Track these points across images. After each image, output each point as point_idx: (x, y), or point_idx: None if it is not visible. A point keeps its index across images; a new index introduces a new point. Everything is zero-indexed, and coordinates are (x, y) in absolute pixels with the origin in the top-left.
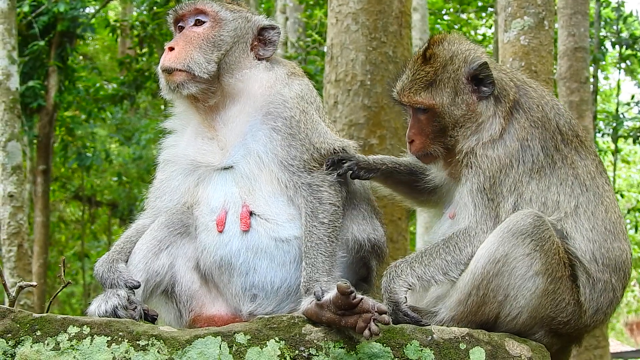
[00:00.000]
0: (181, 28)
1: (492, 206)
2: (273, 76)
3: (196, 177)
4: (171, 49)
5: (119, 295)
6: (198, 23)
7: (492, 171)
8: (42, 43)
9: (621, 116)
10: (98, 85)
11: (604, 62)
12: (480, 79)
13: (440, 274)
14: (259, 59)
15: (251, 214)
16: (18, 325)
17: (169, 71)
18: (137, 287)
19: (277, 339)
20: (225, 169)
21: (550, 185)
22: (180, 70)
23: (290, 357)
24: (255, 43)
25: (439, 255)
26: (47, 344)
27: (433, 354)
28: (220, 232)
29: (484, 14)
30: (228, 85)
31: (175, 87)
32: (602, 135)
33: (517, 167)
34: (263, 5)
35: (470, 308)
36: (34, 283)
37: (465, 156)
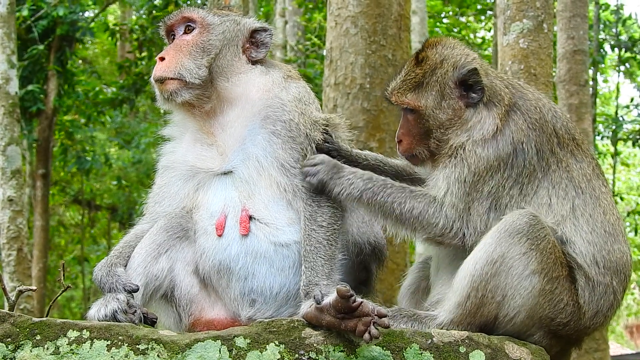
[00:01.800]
0: (173, 38)
1: (466, 200)
2: (270, 80)
3: (196, 182)
4: (162, 59)
5: (118, 299)
6: (187, 31)
7: (478, 168)
8: (41, 47)
9: (620, 119)
10: (97, 89)
11: (603, 65)
12: (469, 84)
13: (374, 202)
14: (252, 62)
15: (250, 218)
16: (18, 330)
17: (161, 81)
18: (136, 290)
19: (276, 342)
20: (224, 174)
21: (538, 190)
22: (171, 78)
23: None
24: (247, 46)
25: (390, 189)
26: (47, 348)
27: (433, 357)
28: (220, 236)
29: (483, 17)
30: (224, 90)
31: (168, 96)
32: (602, 138)
33: (503, 172)
34: (262, 9)
35: (469, 310)
36: (34, 287)
37: (454, 149)
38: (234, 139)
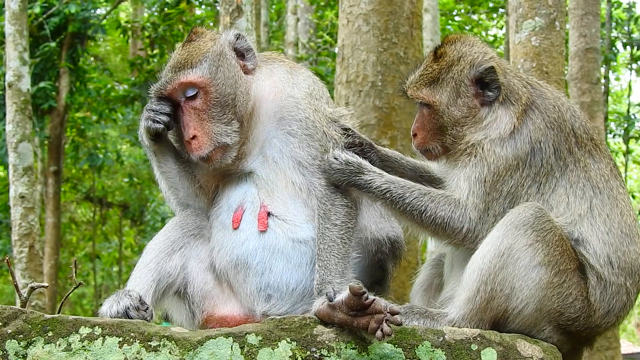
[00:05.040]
0: (175, 101)
1: (486, 200)
2: (277, 79)
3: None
4: (193, 137)
5: (130, 296)
6: (191, 95)
7: (498, 168)
8: (53, 44)
9: (632, 117)
10: (109, 86)
11: (615, 63)
12: (485, 83)
13: (398, 204)
14: (251, 74)
15: (269, 214)
16: (30, 326)
17: (206, 158)
18: None
19: (288, 339)
20: (245, 173)
21: (556, 188)
22: (214, 150)
23: (302, 358)
24: (241, 62)
25: (413, 193)
26: (59, 345)
27: (445, 355)
28: (236, 229)
29: (495, 15)
30: (246, 112)
31: (219, 164)
32: (614, 137)
33: (521, 171)
34: (274, 7)
35: (479, 305)
36: (46, 284)
37: (471, 147)
38: (252, 144)
